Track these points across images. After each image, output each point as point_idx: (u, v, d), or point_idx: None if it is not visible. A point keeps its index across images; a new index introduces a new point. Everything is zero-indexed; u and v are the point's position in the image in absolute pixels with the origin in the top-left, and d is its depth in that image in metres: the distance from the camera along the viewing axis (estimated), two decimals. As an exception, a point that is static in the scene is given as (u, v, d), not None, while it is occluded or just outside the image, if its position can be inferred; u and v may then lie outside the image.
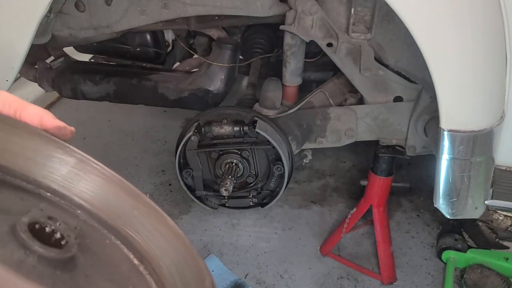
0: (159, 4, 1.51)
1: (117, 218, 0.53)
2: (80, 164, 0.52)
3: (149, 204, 0.54)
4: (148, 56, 2.01)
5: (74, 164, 0.52)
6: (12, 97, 0.50)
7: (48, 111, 0.52)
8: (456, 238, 1.91)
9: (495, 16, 1.16)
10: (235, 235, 2.10)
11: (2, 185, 0.47)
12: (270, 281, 1.89)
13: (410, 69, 1.53)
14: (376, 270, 1.92)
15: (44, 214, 0.45)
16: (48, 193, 0.50)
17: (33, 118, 0.50)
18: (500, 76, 1.25)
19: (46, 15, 1.36)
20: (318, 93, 1.73)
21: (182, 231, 0.53)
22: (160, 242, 0.53)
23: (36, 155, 0.50)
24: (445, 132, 1.26)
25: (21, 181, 0.49)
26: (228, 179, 1.56)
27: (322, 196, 2.33)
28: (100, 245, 0.51)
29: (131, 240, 0.52)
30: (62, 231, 0.44)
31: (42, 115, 0.50)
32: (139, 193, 0.54)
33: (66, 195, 0.51)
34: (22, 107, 0.49)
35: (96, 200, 0.52)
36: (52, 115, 0.52)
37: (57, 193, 0.51)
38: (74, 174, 0.52)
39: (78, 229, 0.48)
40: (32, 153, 0.49)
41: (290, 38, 1.56)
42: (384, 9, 1.42)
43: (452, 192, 1.35)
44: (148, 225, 0.53)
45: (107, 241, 0.52)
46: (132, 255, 0.52)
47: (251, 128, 1.55)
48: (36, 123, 0.50)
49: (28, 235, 0.40)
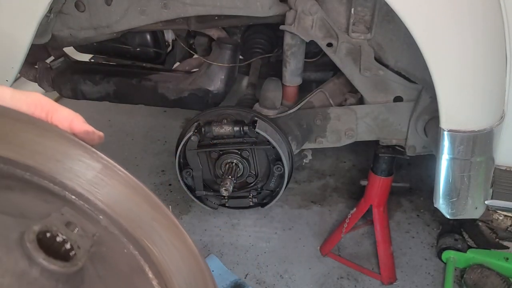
0: (159, 4, 1.51)
1: (137, 227, 0.52)
2: (105, 170, 0.52)
3: (169, 217, 0.53)
4: (148, 56, 2.01)
5: (99, 169, 0.52)
6: (45, 100, 0.51)
7: (78, 115, 0.52)
8: (456, 238, 1.91)
9: (495, 16, 1.16)
10: (235, 235, 2.10)
11: (29, 186, 0.48)
12: (270, 281, 1.89)
13: (410, 69, 1.53)
14: (376, 270, 1.92)
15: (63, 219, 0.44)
16: (73, 196, 0.50)
17: (63, 121, 0.50)
18: (500, 76, 1.25)
19: (46, 15, 1.36)
20: (318, 93, 1.73)
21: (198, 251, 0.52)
22: (176, 258, 0.52)
23: (65, 158, 0.50)
24: (445, 132, 1.26)
25: (48, 182, 0.49)
26: (228, 179, 1.56)
27: (322, 196, 2.34)
28: (116, 254, 0.50)
29: (148, 252, 0.51)
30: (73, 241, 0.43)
31: (72, 118, 0.51)
32: (160, 205, 0.53)
33: (90, 199, 0.51)
34: (53, 109, 0.50)
35: (118, 208, 0.52)
36: (82, 119, 0.52)
37: (82, 196, 0.51)
38: (99, 179, 0.52)
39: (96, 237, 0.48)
40: (60, 156, 0.50)
41: (290, 38, 1.56)
42: (384, 9, 1.42)
43: (452, 192, 1.35)
44: (166, 239, 0.53)
45: (125, 250, 0.51)
46: (147, 268, 0.51)
47: (251, 128, 1.55)
48: (66, 126, 0.51)
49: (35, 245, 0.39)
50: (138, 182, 0.54)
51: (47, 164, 0.49)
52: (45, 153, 0.49)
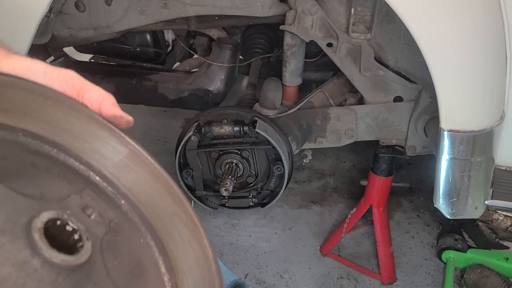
0: (159, 4, 1.51)
1: (158, 218, 0.51)
2: (132, 155, 0.51)
3: (190, 214, 0.52)
4: (148, 56, 2.01)
5: (126, 154, 0.51)
6: (77, 78, 0.51)
7: (109, 96, 0.52)
8: (456, 238, 1.91)
9: (495, 15, 1.16)
10: (235, 235, 2.10)
11: (55, 164, 0.47)
12: (270, 281, 1.89)
13: (410, 69, 1.53)
14: (376, 270, 1.92)
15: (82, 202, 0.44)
16: (97, 177, 0.49)
17: (94, 102, 0.50)
18: (500, 76, 1.25)
19: (46, 15, 1.35)
20: (318, 93, 1.73)
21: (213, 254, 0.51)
22: (190, 258, 0.51)
23: (92, 139, 0.50)
24: (445, 132, 1.26)
25: (74, 160, 0.48)
26: (228, 179, 1.56)
27: (322, 196, 2.33)
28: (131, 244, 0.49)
29: (165, 245, 0.50)
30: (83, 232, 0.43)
31: (102, 100, 0.51)
32: (183, 200, 0.52)
33: (114, 182, 0.50)
34: (85, 89, 0.50)
35: (141, 195, 0.51)
36: (114, 101, 0.52)
37: (106, 178, 0.50)
38: (125, 164, 0.51)
39: (114, 223, 0.47)
40: (88, 137, 0.49)
41: (290, 38, 1.56)
42: (384, 9, 1.42)
43: (452, 192, 1.35)
44: (184, 236, 0.51)
45: (141, 239, 0.50)
46: (161, 261, 0.50)
47: (251, 128, 1.55)
48: (96, 107, 0.50)
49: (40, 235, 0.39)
50: (164, 172, 0.52)
51: (74, 143, 0.48)
52: (73, 132, 0.49)
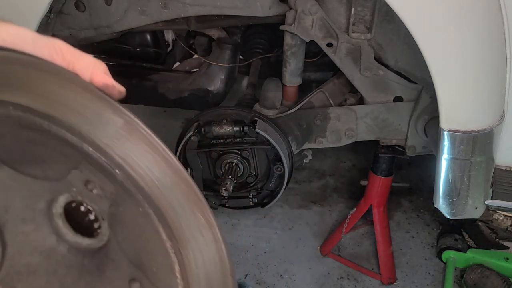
0: (159, 4, 1.51)
1: (154, 187, 0.51)
2: (127, 125, 0.51)
3: (189, 183, 0.52)
4: (148, 56, 2.01)
5: (121, 124, 0.51)
6: (66, 47, 0.50)
7: (101, 63, 0.51)
8: (456, 238, 1.91)
9: (495, 15, 1.16)
10: (235, 235, 2.10)
11: (48, 137, 0.46)
12: (270, 281, 1.89)
13: (410, 69, 1.53)
14: (376, 270, 1.92)
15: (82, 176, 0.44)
16: (90, 148, 0.49)
17: (85, 71, 0.49)
18: (500, 76, 1.25)
19: (46, 15, 1.36)
20: (318, 93, 1.73)
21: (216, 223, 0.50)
22: (192, 226, 0.50)
23: (86, 110, 0.49)
24: (445, 132, 1.26)
25: (66, 131, 0.48)
26: (228, 179, 1.56)
27: (322, 196, 2.33)
28: (132, 214, 0.49)
29: (163, 213, 0.50)
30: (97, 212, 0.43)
31: (93, 68, 0.50)
32: (181, 169, 0.52)
33: (108, 152, 0.49)
34: (75, 58, 0.49)
35: (136, 165, 0.51)
36: (105, 68, 0.51)
37: (99, 149, 0.49)
38: (120, 135, 0.50)
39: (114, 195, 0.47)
40: (81, 108, 0.49)
41: (290, 38, 1.56)
42: (384, 9, 1.42)
43: (452, 192, 1.35)
44: (184, 204, 0.51)
45: (140, 208, 0.50)
46: (161, 228, 0.50)
47: (251, 128, 1.55)
48: (87, 76, 0.49)
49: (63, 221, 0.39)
50: (160, 142, 0.52)
51: (66, 115, 0.48)
52: (65, 103, 0.48)
